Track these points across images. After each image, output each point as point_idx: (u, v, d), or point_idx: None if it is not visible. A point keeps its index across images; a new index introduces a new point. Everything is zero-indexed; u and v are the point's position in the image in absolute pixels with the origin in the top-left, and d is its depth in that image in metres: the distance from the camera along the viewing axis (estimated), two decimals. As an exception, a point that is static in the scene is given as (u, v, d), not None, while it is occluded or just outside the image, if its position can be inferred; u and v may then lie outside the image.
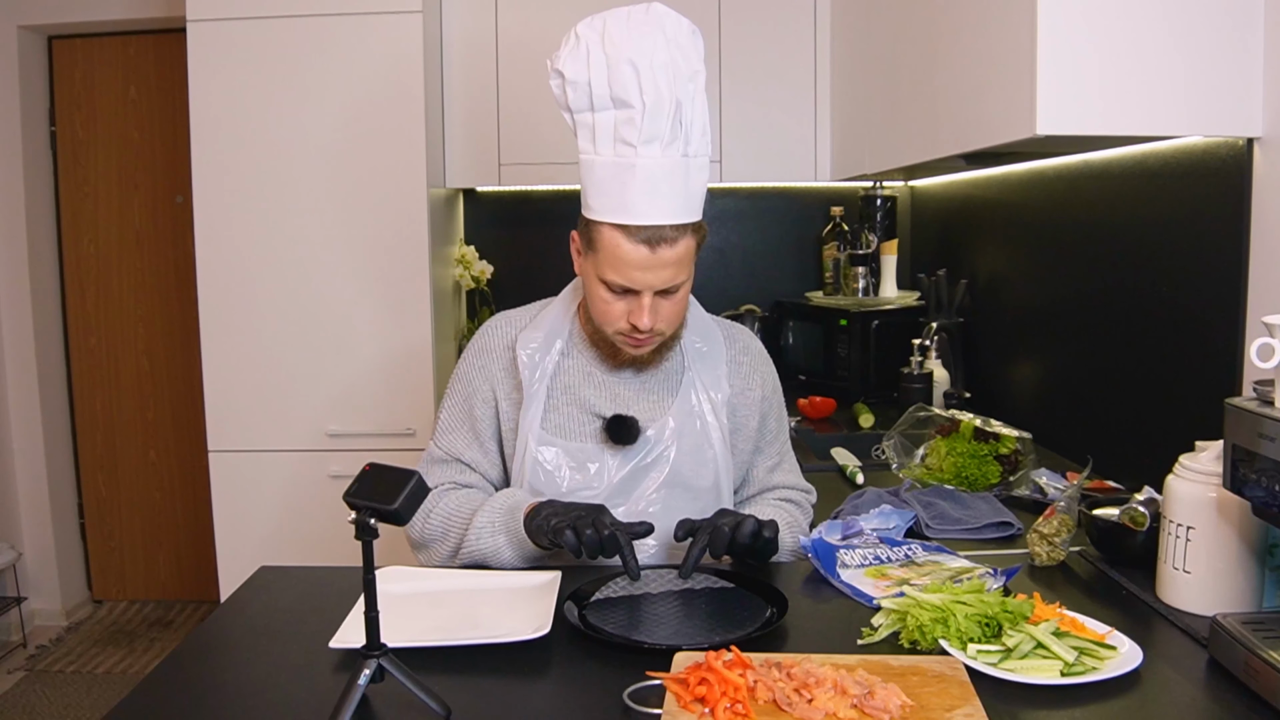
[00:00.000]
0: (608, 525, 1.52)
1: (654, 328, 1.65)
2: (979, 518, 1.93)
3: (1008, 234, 2.81)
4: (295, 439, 3.18)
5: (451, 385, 1.85)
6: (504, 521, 1.66)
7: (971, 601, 1.37)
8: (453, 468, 1.81)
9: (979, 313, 3.01)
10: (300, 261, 3.12)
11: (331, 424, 3.17)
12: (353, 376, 3.16)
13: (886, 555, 1.67)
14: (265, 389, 3.15)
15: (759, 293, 3.79)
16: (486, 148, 3.40)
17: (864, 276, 3.48)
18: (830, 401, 3.09)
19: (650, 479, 1.75)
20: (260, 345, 3.14)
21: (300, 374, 3.15)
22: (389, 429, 3.16)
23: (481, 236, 3.76)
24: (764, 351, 1.92)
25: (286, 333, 3.14)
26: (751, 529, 1.56)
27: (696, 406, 1.79)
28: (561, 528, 1.53)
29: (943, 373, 3.02)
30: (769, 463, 1.89)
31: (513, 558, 1.66)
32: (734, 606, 1.49)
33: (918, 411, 2.32)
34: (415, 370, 3.16)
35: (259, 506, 3.18)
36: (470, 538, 1.67)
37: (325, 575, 1.69)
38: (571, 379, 1.78)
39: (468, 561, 1.68)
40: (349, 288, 3.13)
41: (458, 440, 1.80)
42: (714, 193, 3.82)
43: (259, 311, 3.13)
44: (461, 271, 3.59)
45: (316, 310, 3.14)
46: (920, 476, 2.21)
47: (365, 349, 3.16)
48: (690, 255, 1.63)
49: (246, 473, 3.17)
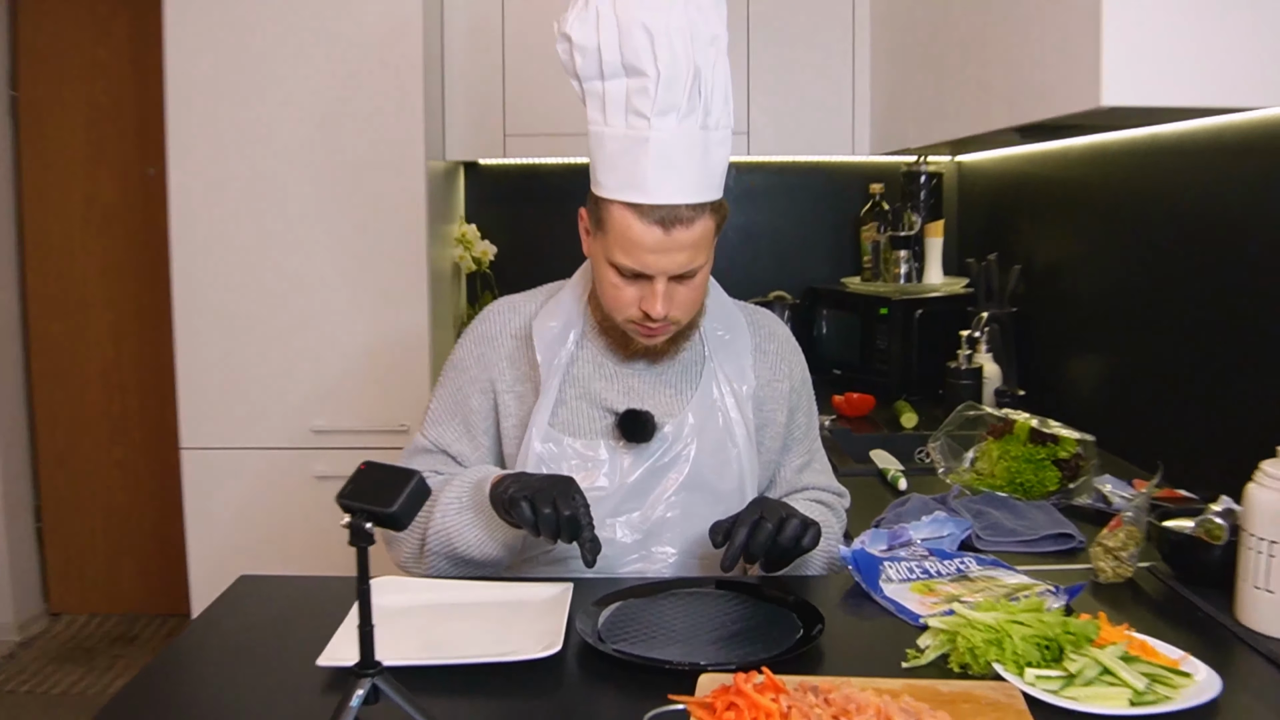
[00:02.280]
0: (572, 504, 1.51)
1: (668, 316, 1.65)
2: (1036, 529, 1.93)
3: (1066, 215, 2.80)
4: (277, 435, 3.18)
5: (445, 372, 1.85)
6: (471, 495, 1.67)
7: (1030, 621, 1.36)
8: (438, 459, 1.81)
9: (1034, 301, 3.00)
10: (285, 241, 3.13)
11: (317, 419, 3.18)
12: (341, 367, 3.17)
13: (936, 569, 1.67)
14: (245, 380, 3.16)
15: (790, 278, 3.79)
16: (491, 117, 3.40)
17: (906, 261, 3.48)
18: (868, 398, 3.09)
19: (668, 481, 1.75)
20: (240, 332, 3.14)
21: (283, 364, 3.16)
22: (380, 425, 3.16)
23: (484, 214, 3.76)
24: (792, 339, 1.92)
25: (269, 318, 3.14)
26: (794, 532, 1.56)
27: (718, 400, 1.79)
28: (518, 499, 1.52)
29: (994, 367, 3.01)
30: (798, 461, 1.90)
31: (481, 538, 1.66)
32: (765, 623, 1.49)
33: (966, 410, 2.32)
34: (410, 360, 3.16)
35: (237, 510, 3.19)
36: (436, 515, 1.68)
37: (311, 586, 1.68)
38: (582, 370, 1.78)
39: (435, 546, 1.68)
40: (339, 270, 3.14)
41: (447, 431, 1.81)
42: (740, 168, 3.81)
43: (239, 295, 3.13)
44: (462, 252, 3.60)
45: (302, 294, 3.14)
46: (970, 483, 2.20)
47: (355, 337, 3.16)
48: (709, 237, 1.63)
49: (223, 472, 3.18)
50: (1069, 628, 1.35)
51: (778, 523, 1.56)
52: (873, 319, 3.33)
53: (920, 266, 3.49)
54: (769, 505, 1.60)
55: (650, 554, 1.75)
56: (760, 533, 1.55)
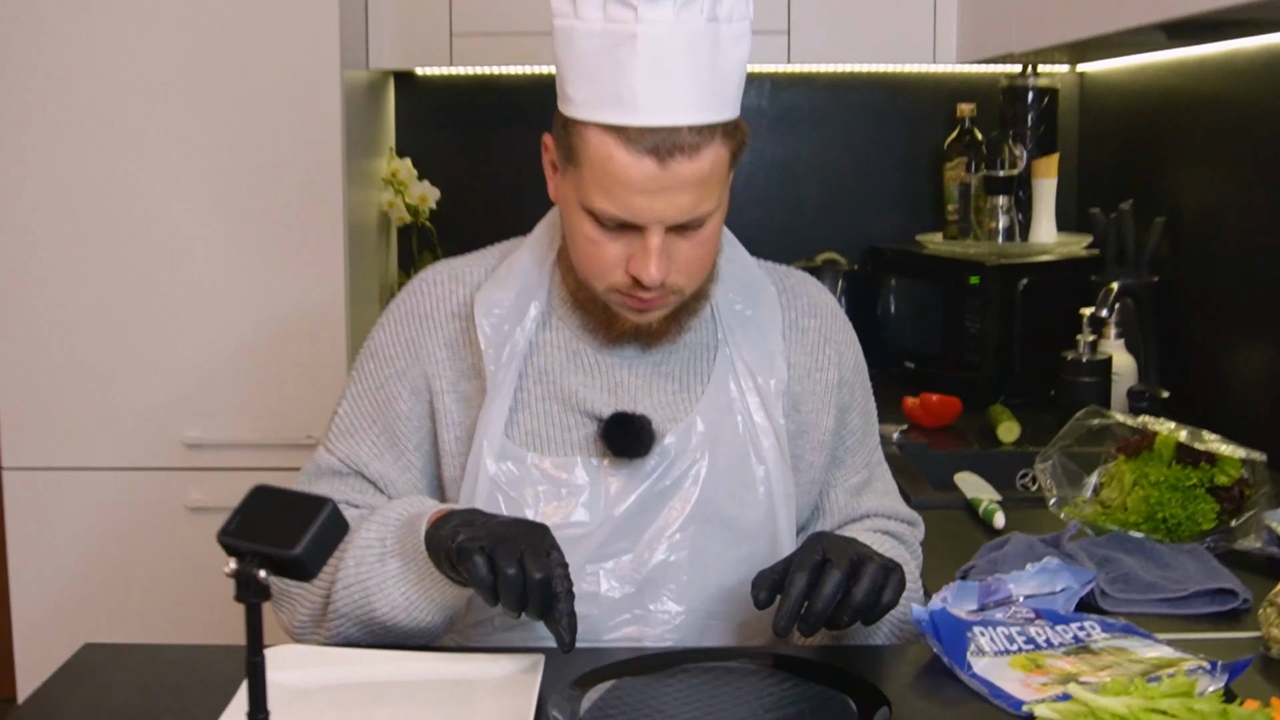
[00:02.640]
0: (544, 564, 1.50)
1: (666, 282, 1.65)
2: (1185, 582, 1.92)
3: (1230, 148, 2.80)
4: (134, 452, 3.18)
5: (361, 363, 1.85)
6: (398, 537, 1.66)
7: (1175, 710, 1.36)
8: (350, 484, 1.81)
9: (1182, 268, 2.99)
10: (142, 188, 3.13)
11: (191, 429, 3.18)
12: (223, 359, 3.17)
13: (1045, 637, 1.66)
14: (88, 379, 3.16)
15: (844, 236, 3.79)
16: (431, 10, 3.40)
17: (1007, 211, 3.47)
18: (953, 402, 3.08)
19: (670, 511, 1.75)
20: (80, 317, 3.15)
21: (143, 355, 3.16)
22: (278, 437, 3.17)
23: (422, 145, 3.76)
24: (840, 312, 1.92)
25: (120, 296, 3.14)
26: (873, 581, 1.55)
27: (737, 399, 1.79)
28: (469, 550, 1.51)
29: (1127, 359, 3.00)
30: (853, 480, 1.90)
31: (410, 598, 1.65)
32: (808, 711, 1.48)
33: (1089, 419, 2.31)
34: (319, 348, 3.16)
35: (79, 553, 3.19)
36: (348, 564, 1.66)
37: (183, 657, 1.68)
38: (549, 361, 1.78)
39: (345, 607, 1.67)
40: (219, 225, 3.14)
41: (363, 445, 1.81)
42: (774, 80, 3.81)
43: (76, 265, 3.13)
44: (392, 198, 3.59)
45: (167, 261, 3.14)
46: (1093, 518, 2.20)
47: (243, 317, 3.17)
48: (721, 172, 1.64)
49: (58, 501, 3.18)
50: (1230, 718, 1.34)
51: (849, 568, 1.56)
52: (959, 292, 3.31)
53: (1026, 219, 3.49)
54: (833, 543, 1.60)
55: (648, 614, 1.75)
56: (826, 582, 1.54)
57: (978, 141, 3.60)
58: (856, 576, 1.56)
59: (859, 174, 3.83)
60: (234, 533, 1.16)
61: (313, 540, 1.13)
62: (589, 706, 1.49)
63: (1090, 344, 2.94)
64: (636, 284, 1.65)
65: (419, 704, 1.52)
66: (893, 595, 1.57)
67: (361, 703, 1.53)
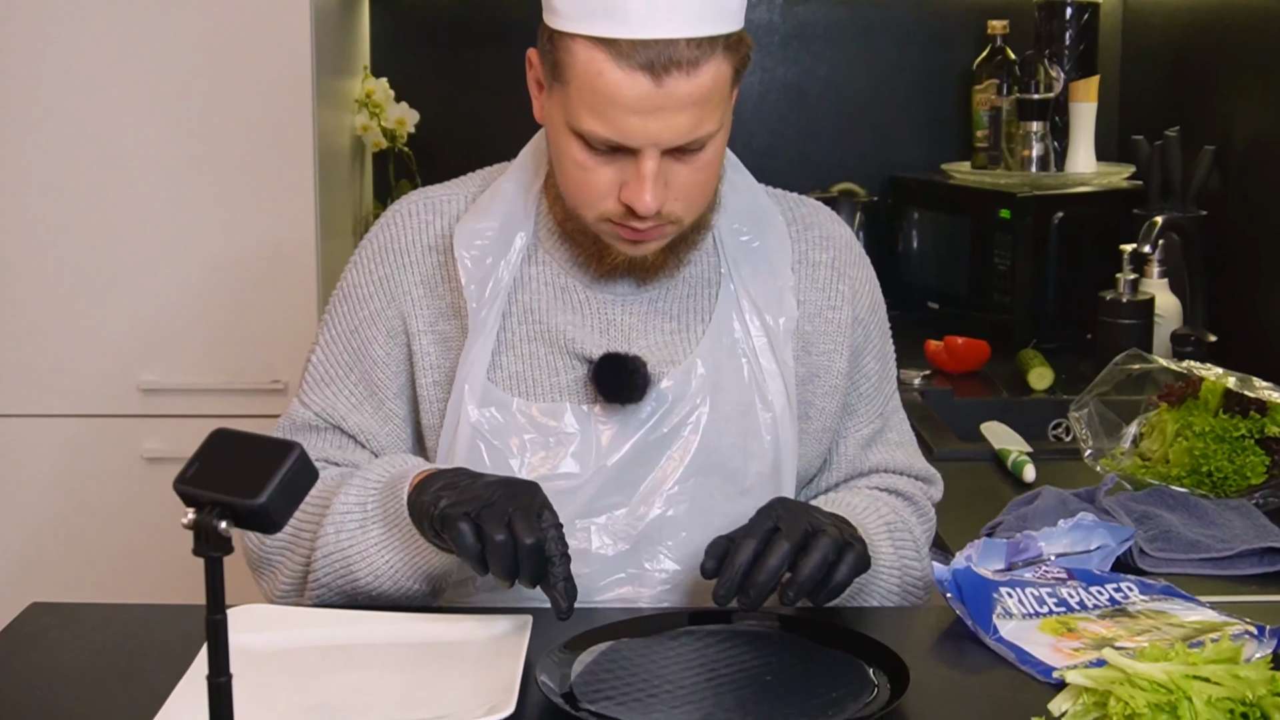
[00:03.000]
0: (536, 527, 1.51)
1: (662, 211, 1.65)
2: (1231, 541, 1.93)
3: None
4: (85, 397, 3.18)
5: (334, 306, 1.86)
6: (380, 501, 1.67)
7: (1219, 677, 1.36)
8: (328, 440, 1.82)
9: (1233, 202, 2.98)
10: (92, 114, 3.11)
11: (146, 373, 3.18)
12: (182, 297, 3.17)
13: (1079, 598, 1.67)
14: (35, 320, 3.15)
15: (863, 164, 3.78)
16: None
17: (1042, 138, 3.46)
18: (980, 345, 3.08)
19: (667, 462, 1.76)
20: (26, 253, 3.13)
21: (94, 294, 3.16)
22: (243, 381, 3.17)
23: (400, 63, 3.74)
24: (856, 244, 1.92)
25: (70, 230, 3.13)
26: (821, 557, 1.54)
27: (742, 340, 1.80)
28: (454, 516, 1.52)
29: (1171, 299, 3.00)
30: (865, 430, 1.90)
31: (394, 565, 1.66)
32: (820, 677, 1.50)
33: (1128, 363, 2.32)
34: (287, 284, 3.16)
35: (25, 504, 3.20)
36: (328, 530, 1.67)
37: (138, 617, 1.69)
38: (535, 298, 1.78)
39: (326, 576, 1.68)
40: (176, 153, 3.13)
41: (340, 396, 1.82)
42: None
43: (21, 196, 3.12)
44: (366, 121, 3.58)
45: (121, 192, 3.13)
46: (1131, 471, 2.20)
47: (203, 251, 3.16)
48: (723, 90, 1.63)
49: (3, 451, 3.18)
50: (1278, 687, 1.35)
51: (800, 539, 1.56)
52: (989, 226, 3.31)
53: (1063, 147, 3.48)
54: (789, 510, 1.60)
55: (643, 573, 1.76)
56: (772, 553, 1.54)
57: (1010, 62, 3.57)
58: (806, 549, 1.55)
59: (879, 97, 3.81)
60: (192, 480, 1.15)
61: (278, 488, 1.13)
62: (581, 671, 1.50)
63: (1131, 283, 2.94)
64: (630, 213, 1.64)
65: (397, 668, 1.53)
66: (847, 572, 1.57)
67: (334, 668, 1.54)
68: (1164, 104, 3.37)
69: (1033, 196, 3.26)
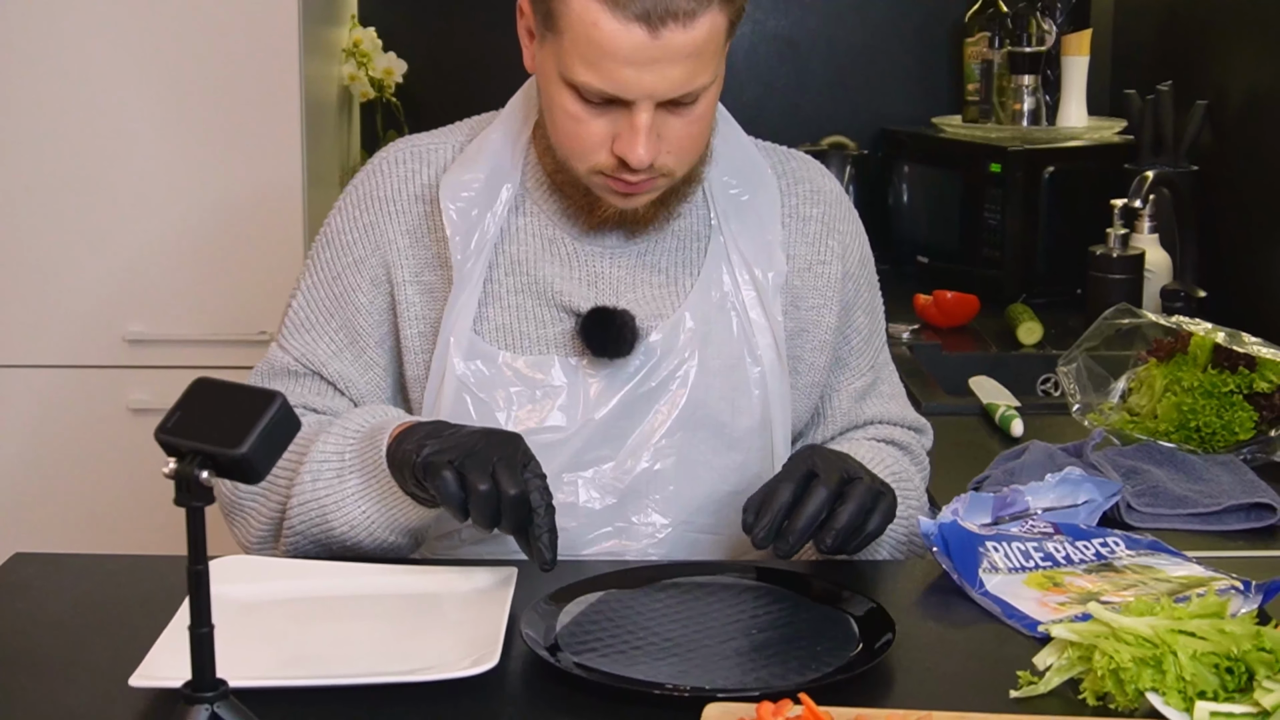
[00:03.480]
0: (518, 478, 1.50)
1: (655, 164, 1.65)
2: (1218, 496, 1.93)
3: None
4: (71, 348, 3.18)
5: (316, 252, 1.85)
6: (359, 451, 1.66)
7: (1205, 632, 1.36)
8: (307, 386, 1.81)
9: (1225, 158, 2.97)
10: (78, 63, 3.10)
11: (133, 323, 3.18)
12: (168, 247, 3.16)
13: (1065, 553, 1.67)
14: (20, 269, 3.15)
15: (853, 117, 3.77)
16: None
17: (1033, 92, 3.45)
18: (969, 300, 3.08)
19: (655, 416, 1.76)
20: (10, 202, 3.12)
21: (79, 245, 3.15)
22: (229, 332, 3.17)
23: (387, 12, 3.72)
24: (845, 199, 1.92)
25: (55, 180, 3.12)
26: (861, 504, 1.55)
27: (731, 293, 1.79)
28: (437, 465, 1.51)
29: (1161, 255, 3.00)
30: (857, 384, 1.90)
31: (371, 517, 1.66)
32: (805, 630, 1.50)
33: (1117, 318, 2.32)
34: (274, 235, 3.15)
35: (9, 455, 3.20)
36: (304, 479, 1.67)
37: (122, 568, 1.69)
38: (523, 250, 1.78)
39: (301, 525, 1.68)
40: (162, 102, 3.12)
41: (320, 341, 1.81)
42: (781, -56, 3.77)
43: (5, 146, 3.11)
44: (354, 71, 3.57)
45: (106, 141, 3.12)
46: (1119, 426, 2.20)
47: (189, 202, 3.15)
48: (717, 43, 1.63)
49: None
50: (1263, 642, 1.35)
51: (836, 486, 1.56)
52: (980, 181, 3.30)
53: (1054, 101, 3.47)
54: (825, 458, 1.60)
55: (630, 526, 1.76)
56: (810, 499, 1.55)
57: (1002, 14, 3.56)
58: (843, 497, 1.56)
59: (870, 49, 3.80)
60: (173, 430, 1.15)
61: (260, 438, 1.13)
62: (566, 623, 1.50)
63: (1121, 238, 2.94)
64: (622, 165, 1.64)
65: (381, 621, 1.53)
66: (880, 521, 1.58)
67: (318, 619, 1.54)
68: (1156, 58, 3.36)
69: (1023, 150, 3.25)
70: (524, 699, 1.38)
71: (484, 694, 1.37)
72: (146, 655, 1.40)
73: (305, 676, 1.39)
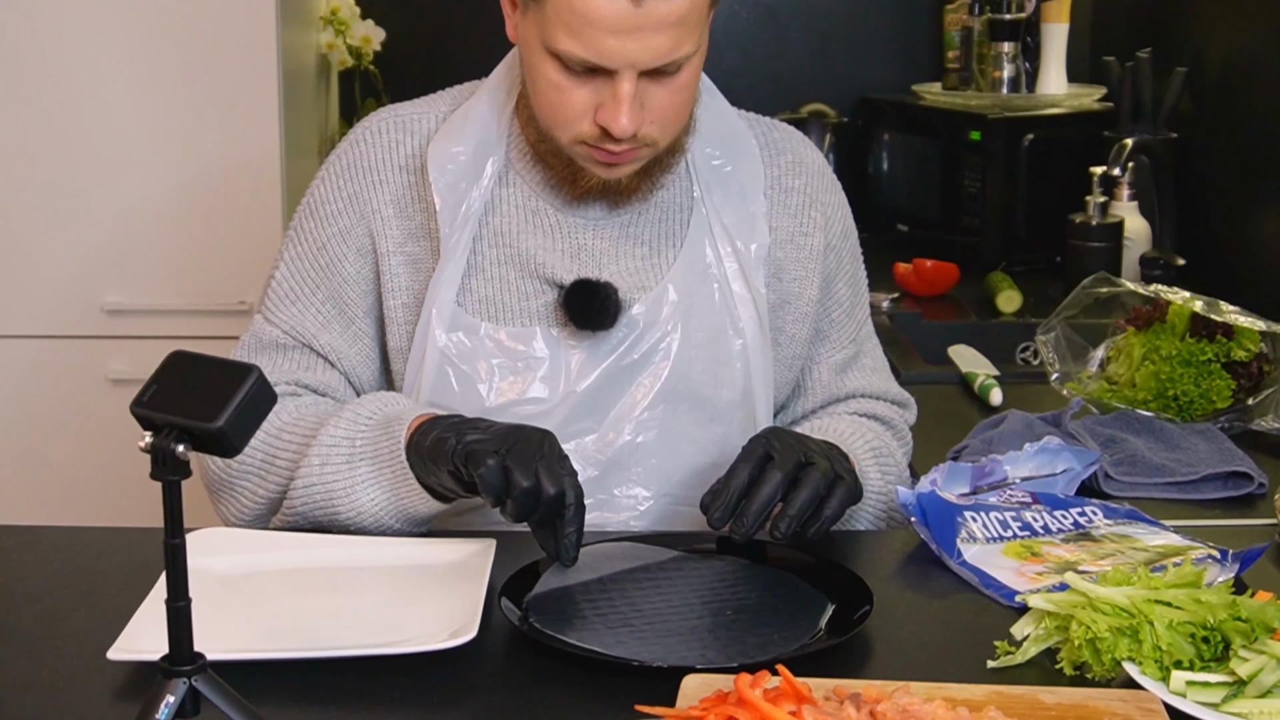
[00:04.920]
0: (557, 476, 1.50)
1: (638, 134, 1.64)
2: (1196, 465, 1.94)
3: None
4: (49, 318, 3.17)
5: (299, 221, 1.84)
6: (372, 440, 1.66)
7: (1181, 601, 1.37)
8: (295, 359, 1.80)
9: (1205, 125, 2.98)
10: (52, 30, 3.07)
11: (111, 294, 3.17)
12: (146, 217, 3.15)
13: (1042, 522, 1.68)
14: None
15: (833, 85, 3.76)
16: None
17: (1012, 59, 3.45)
18: (949, 268, 3.09)
19: (638, 388, 1.76)
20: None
21: (56, 213, 3.14)
22: (208, 302, 3.16)
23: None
24: (828, 170, 1.91)
25: (30, 148, 3.11)
26: (813, 492, 1.54)
27: (713, 265, 1.79)
28: (482, 454, 1.51)
29: (1140, 223, 3.01)
30: (838, 356, 1.91)
31: (379, 504, 1.66)
32: (782, 602, 1.50)
33: (1096, 286, 2.32)
34: (252, 204, 3.14)
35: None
36: (312, 462, 1.67)
37: (99, 541, 1.69)
38: (507, 222, 1.77)
39: (304, 506, 1.68)
40: (137, 70, 3.10)
41: (308, 313, 1.80)
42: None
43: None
44: (331, 39, 3.55)
45: (82, 109, 3.11)
46: (1098, 395, 2.21)
47: (166, 171, 3.14)
48: (701, 11, 1.62)
49: (-36, 372, 3.18)
50: (1239, 612, 1.35)
51: (792, 470, 1.56)
52: (958, 148, 3.31)
53: (1034, 68, 3.46)
54: (783, 441, 1.60)
55: (613, 499, 1.76)
56: (765, 482, 1.55)
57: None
58: (797, 483, 1.56)
59: (850, 16, 3.79)
60: (149, 403, 1.15)
61: (237, 411, 1.12)
62: (545, 595, 1.50)
63: (1100, 206, 2.95)
64: (605, 135, 1.64)
65: (360, 592, 1.54)
66: (837, 507, 1.57)
67: (296, 592, 1.54)
68: (1136, 25, 3.36)
69: (1003, 118, 3.26)
70: (503, 671, 1.39)
71: (463, 666, 1.37)
72: (125, 628, 1.40)
73: (284, 649, 1.38)
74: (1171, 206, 3.01)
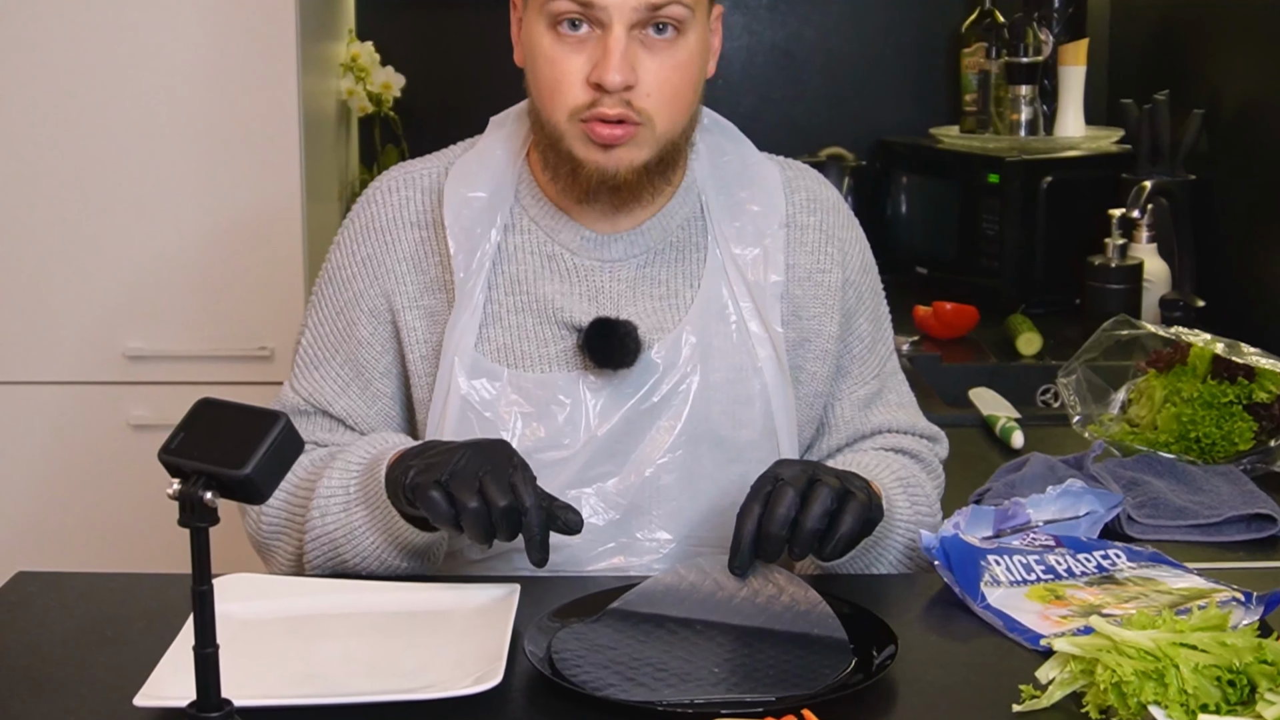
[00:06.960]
0: (506, 487, 1.50)
1: (633, 102, 1.65)
2: (1218, 507, 1.93)
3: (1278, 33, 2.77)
4: (71, 364, 3.17)
5: (319, 288, 1.86)
6: (361, 483, 1.67)
7: (1206, 644, 1.37)
8: (315, 424, 1.82)
9: (1222, 167, 2.97)
10: (78, 78, 3.09)
11: (132, 339, 3.17)
12: (167, 262, 3.15)
13: (1066, 565, 1.68)
14: (19, 285, 3.14)
15: (851, 128, 3.77)
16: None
17: (1030, 102, 3.45)
18: (969, 311, 3.08)
19: (658, 432, 1.76)
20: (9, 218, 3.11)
21: (79, 260, 3.14)
22: (229, 347, 3.16)
23: (385, 27, 3.72)
24: (844, 207, 1.92)
25: (55, 195, 3.12)
26: (823, 507, 1.53)
27: (730, 306, 1.80)
28: (424, 486, 1.51)
29: (1159, 265, 3.00)
30: (861, 391, 1.90)
31: (379, 547, 1.67)
32: (806, 645, 1.50)
33: (1117, 330, 2.32)
34: (273, 250, 3.15)
35: (10, 473, 3.19)
36: (314, 514, 1.68)
37: (125, 587, 1.69)
38: (522, 268, 1.78)
39: (317, 558, 1.70)
40: (161, 118, 3.11)
41: (327, 380, 1.82)
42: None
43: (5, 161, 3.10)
44: (352, 86, 3.57)
45: (106, 156, 3.11)
46: (1119, 437, 2.21)
47: (188, 217, 3.14)
48: None
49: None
50: (1265, 654, 1.35)
51: (803, 487, 1.55)
52: (977, 191, 3.30)
53: (1051, 111, 3.47)
54: (790, 466, 1.59)
55: (634, 542, 1.76)
56: (779, 502, 1.53)
57: (999, 24, 3.56)
58: (805, 500, 1.54)
59: (867, 59, 3.80)
60: (177, 450, 1.15)
61: (264, 458, 1.13)
62: (569, 640, 1.50)
63: (1120, 248, 2.94)
64: (600, 100, 1.64)
65: (385, 637, 1.54)
66: (851, 522, 1.55)
67: (322, 637, 1.54)
68: (1153, 67, 3.37)
69: (1021, 161, 3.26)
70: (527, 716, 1.38)
71: (487, 711, 1.37)
72: (151, 674, 1.40)
73: (309, 695, 1.39)
74: (1190, 248, 3.01)
